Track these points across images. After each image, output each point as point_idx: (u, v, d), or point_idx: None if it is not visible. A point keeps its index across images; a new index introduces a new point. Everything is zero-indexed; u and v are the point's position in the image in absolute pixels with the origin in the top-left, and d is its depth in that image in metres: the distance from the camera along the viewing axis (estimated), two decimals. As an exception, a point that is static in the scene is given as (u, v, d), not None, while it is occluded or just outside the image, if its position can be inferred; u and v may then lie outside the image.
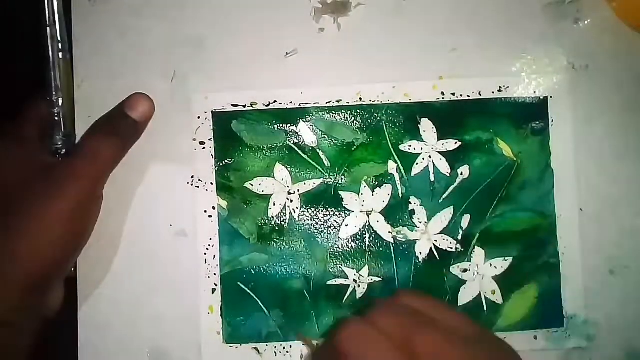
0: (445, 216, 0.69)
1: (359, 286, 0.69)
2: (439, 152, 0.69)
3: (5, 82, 0.72)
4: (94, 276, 0.68)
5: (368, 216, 0.70)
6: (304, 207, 0.70)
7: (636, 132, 0.69)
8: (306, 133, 0.70)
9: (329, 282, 0.69)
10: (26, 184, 0.57)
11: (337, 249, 0.69)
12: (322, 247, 0.69)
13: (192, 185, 0.69)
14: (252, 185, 0.70)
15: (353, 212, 0.70)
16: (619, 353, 0.69)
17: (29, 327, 0.58)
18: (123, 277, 0.69)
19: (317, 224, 0.70)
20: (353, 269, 0.69)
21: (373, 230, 0.69)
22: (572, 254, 0.69)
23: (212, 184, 0.69)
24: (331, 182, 0.70)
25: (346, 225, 0.70)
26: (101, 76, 0.69)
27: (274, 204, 0.70)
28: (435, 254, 0.69)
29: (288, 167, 0.70)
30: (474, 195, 0.69)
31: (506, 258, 0.69)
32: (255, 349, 0.69)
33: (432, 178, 0.69)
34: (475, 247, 0.69)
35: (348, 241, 0.69)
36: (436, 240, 0.69)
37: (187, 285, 0.69)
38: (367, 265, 0.69)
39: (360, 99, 0.70)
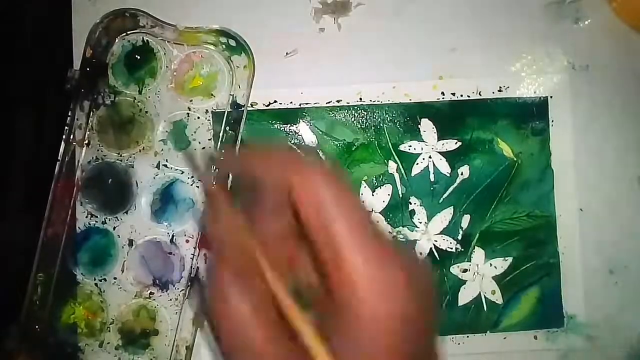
0: (445, 216, 0.69)
1: (360, 286, 0.69)
2: (439, 152, 0.69)
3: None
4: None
5: (368, 216, 0.69)
6: (304, 207, 0.69)
7: (636, 132, 0.69)
8: (306, 133, 0.70)
9: (329, 282, 0.69)
10: None
11: (338, 249, 0.69)
12: (322, 247, 0.69)
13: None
14: (252, 185, 0.69)
15: (353, 212, 0.69)
16: (619, 353, 0.69)
17: None
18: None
19: (317, 224, 0.69)
20: (353, 269, 0.69)
21: (373, 230, 0.69)
22: (572, 254, 0.69)
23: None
24: (331, 182, 0.69)
25: (346, 225, 0.69)
26: (101, 77, 0.69)
27: (274, 204, 0.69)
28: (435, 254, 0.69)
29: (288, 167, 0.69)
30: (474, 195, 0.69)
31: (506, 258, 0.69)
32: (256, 349, 0.69)
33: (432, 178, 0.69)
34: (475, 247, 0.69)
35: (348, 241, 0.69)
36: (436, 240, 0.69)
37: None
38: (367, 265, 0.69)
39: (361, 99, 0.69)
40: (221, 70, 0.69)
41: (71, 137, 0.66)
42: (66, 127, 0.66)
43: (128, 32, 0.68)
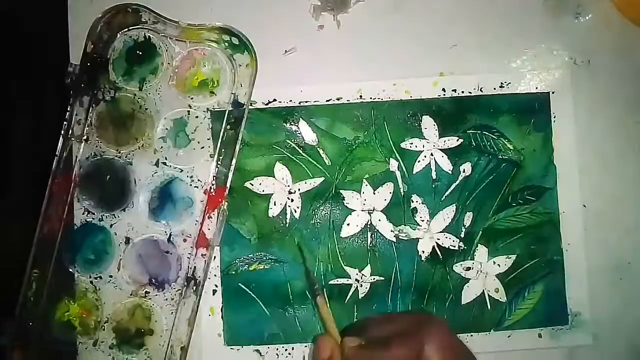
0: (447, 214, 0.69)
1: (362, 285, 0.68)
2: (440, 150, 0.69)
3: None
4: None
5: (370, 215, 0.69)
6: (305, 206, 0.69)
7: (638, 127, 0.69)
8: (306, 131, 0.69)
9: (331, 282, 0.68)
10: None
11: (339, 248, 0.68)
12: (323, 247, 0.68)
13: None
14: (253, 184, 0.69)
15: (354, 210, 0.69)
16: (623, 350, 0.68)
17: None
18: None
19: (318, 223, 0.69)
20: (355, 268, 0.68)
21: (375, 229, 0.69)
22: (575, 250, 0.68)
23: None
24: (332, 181, 0.69)
25: (348, 225, 0.69)
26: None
27: (275, 204, 0.69)
28: (438, 252, 0.68)
29: (288, 166, 0.69)
30: (476, 192, 0.69)
31: (509, 256, 0.68)
32: (257, 350, 0.68)
33: (434, 176, 0.69)
34: (478, 245, 0.69)
35: (350, 240, 0.69)
36: (439, 239, 0.69)
37: (186, 285, 0.68)
38: (369, 265, 0.68)
39: (361, 96, 0.69)
40: (223, 68, 0.69)
41: (70, 132, 0.66)
42: (65, 123, 0.66)
43: (130, 28, 0.67)
